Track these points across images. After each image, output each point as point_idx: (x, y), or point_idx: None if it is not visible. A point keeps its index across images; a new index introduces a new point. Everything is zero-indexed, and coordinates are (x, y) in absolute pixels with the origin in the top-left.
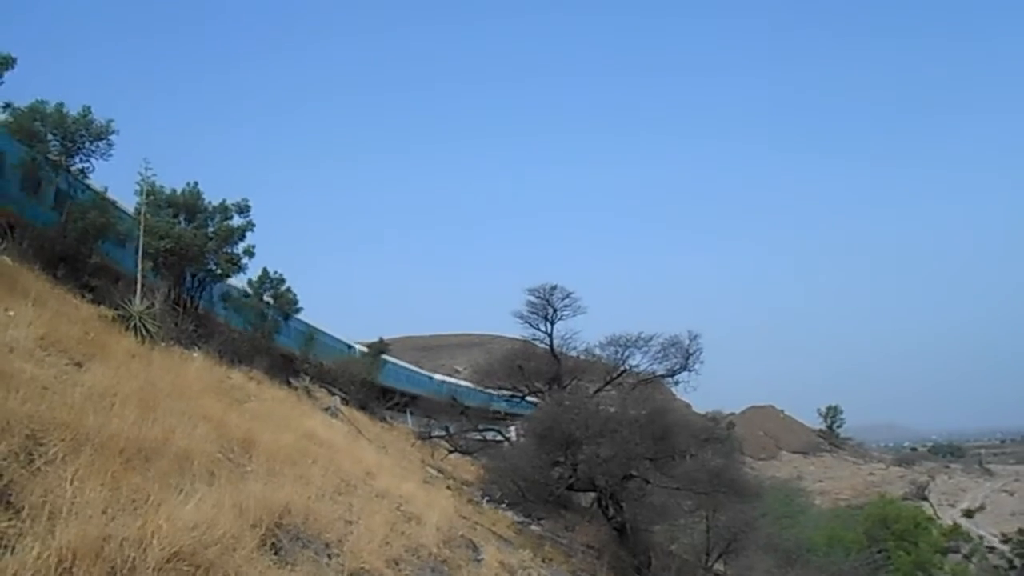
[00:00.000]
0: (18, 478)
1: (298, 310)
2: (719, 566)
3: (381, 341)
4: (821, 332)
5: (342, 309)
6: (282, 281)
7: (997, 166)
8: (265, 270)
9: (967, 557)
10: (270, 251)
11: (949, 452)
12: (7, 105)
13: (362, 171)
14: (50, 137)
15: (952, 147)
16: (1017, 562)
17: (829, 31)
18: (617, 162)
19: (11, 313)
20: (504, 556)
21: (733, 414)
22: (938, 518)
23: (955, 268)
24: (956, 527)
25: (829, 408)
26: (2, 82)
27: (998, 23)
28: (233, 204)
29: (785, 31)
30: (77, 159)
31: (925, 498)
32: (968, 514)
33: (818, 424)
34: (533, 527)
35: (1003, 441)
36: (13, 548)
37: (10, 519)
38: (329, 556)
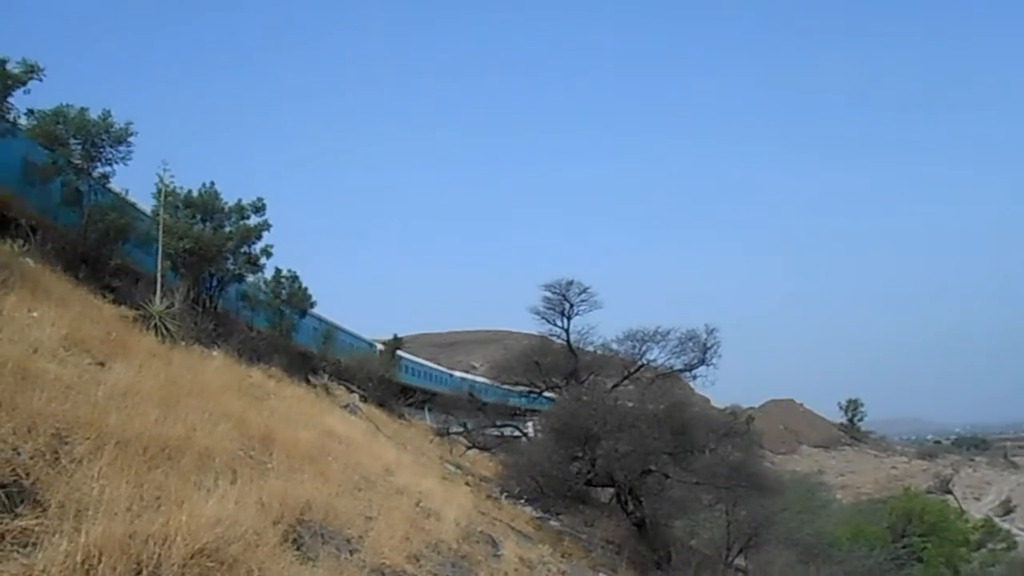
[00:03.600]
0: (44, 477)
1: (312, 305)
2: (739, 561)
3: (396, 338)
4: (842, 325)
5: (359, 306)
6: (296, 279)
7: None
8: (278, 269)
9: (992, 551)
10: (287, 249)
11: (973, 445)
12: (30, 111)
13: (379, 168)
14: (72, 141)
15: (972, 136)
16: None
17: (822, 30)
18: (634, 160)
19: (35, 314)
20: (523, 551)
21: (752, 408)
22: (963, 511)
23: (979, 259)
24: (988, 521)
25: (850, 401)
26: (28, 90)
27: (996, 20)
28: (249, 204)
29: (780, 31)
30: (98, 163)
31: (949, 491)
32: (1007, 510)
33: (839, 418)
34: (552, 522)
35: None
36: (42, 545)
37: (37, 517)
38: (350, 552)
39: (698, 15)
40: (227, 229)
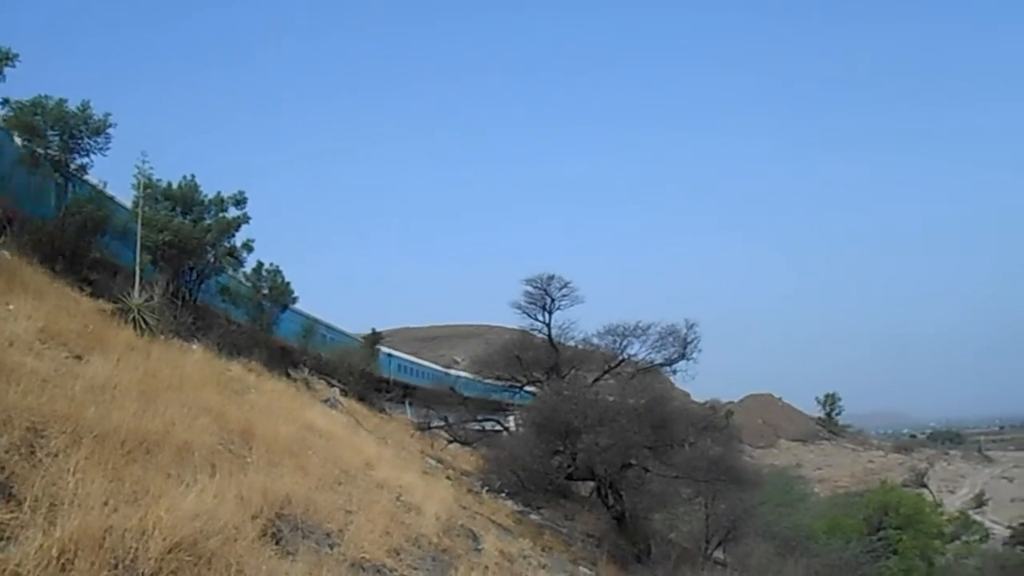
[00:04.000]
0: (20, 470)
1: (294, 300)
2: (718, 553)
3: (375, 332)
4: (819, 321)
5: (341, 300)
6: (279, 273)
7: (992, 156)
8: (260, 262)
9: (966, 543)
10: (268, 242)
11: (948, 439)
12: (6, 100)
13: (360, 163)
14: (50, 133)
15: (950, 138)
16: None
17: (823, 21)
18: (612, 154)
19: (11, 307)
20: (504, 545)
21: (732, 402)
22: (938, 504)
23: (953, 255)
24: (964, 514)
25: (828, 396)
26: (3, 78)
27: (994, 14)
28: (230, 196)
29: (779, 21)
30: (76, 154)
31: (924, 485)
32: (980, 503)
33: (817, 412)
34: (533, 516)
35: (1002, 428)
36: (16, 539)
37: (12, 511)
38: (330, 546)
39: (696, 5)
40: (207, 222)
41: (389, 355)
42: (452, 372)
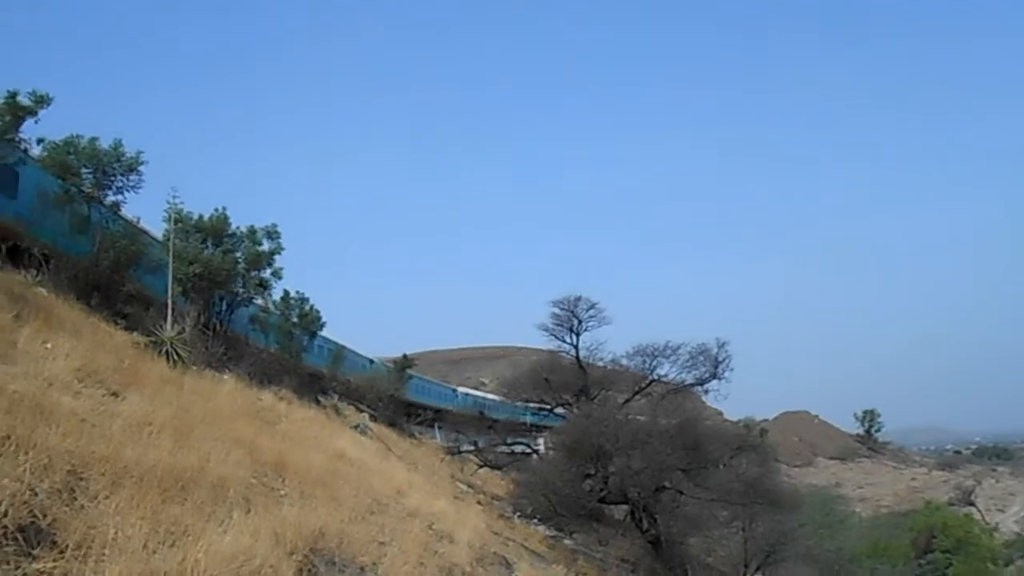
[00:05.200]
0: (62, 515)
1: (322, 326)
2: None
3: (405, 357)
4: (856, 336)
5: (368, 324)
6: (305, 300)
7: None
8: (286, 291)
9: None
10: (296, 266)
11: (995, 454)
12: (41, 140)
13: (388, 185)
14: (83, 171)
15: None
16: None
17: (822, 37)
18: (641, 171)
19: (48, 345)
20: (537, 573)
21: (766, 420)
22: (988, 525)
23: (998, 263)
24: (1021, 537)
25: (866, 412)
26: (38, 120)
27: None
28: (262, 229)
29: (779, 37)
30: (110, 192)
31: (972, 503)
32: None
33: (855, 429)
34: (566, 541)
35: None
36: None
37: (55, 560)
38: None
39: (693, 20)
40: (237, 254)
41: (421, 379)
42: (478, 394)
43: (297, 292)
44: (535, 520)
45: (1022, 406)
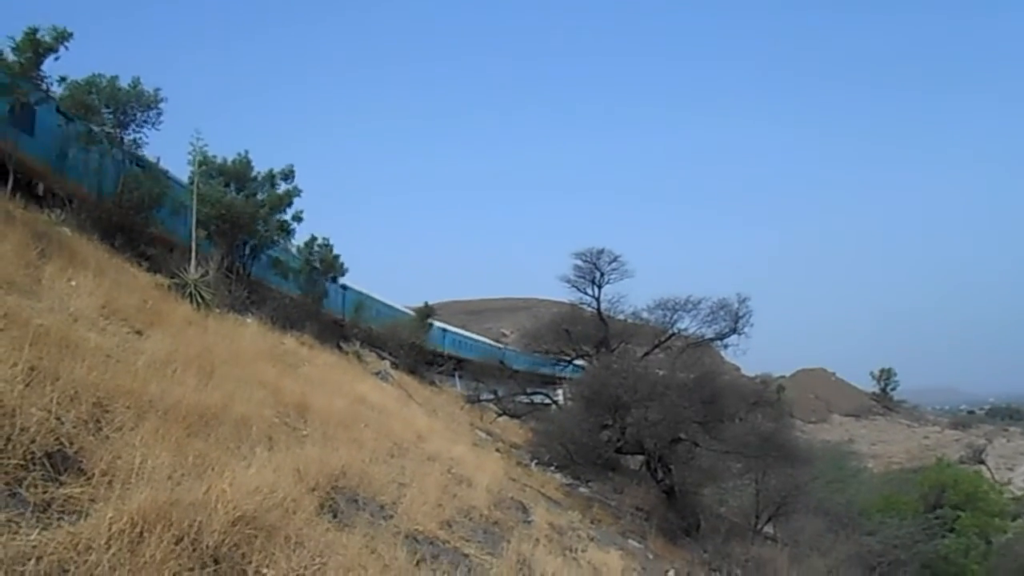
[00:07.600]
0: (88, 445)
1: (344, 272)
2: (768, 529)
3: (427, 306)
4: (874, 295)
5: (390, 272)
6: (329, 246)
7: None
8: (312, 236)
9: None
10: (320, 214)
11: (1007, 415)
12: (63, 79)
13: (413, 137)
14: (104, 110)
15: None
16: None
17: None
18: (666, 131)
19: (73, 283)
20: (553, 517)
21: (783, 377)
22: (997, 483)
23: (1014, 226)
24: None
25: (883, 371)
26: (59, 57)
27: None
28: (279, 171)
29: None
30: (130, 130)
31: (982, 461)
32: None
33: (871, 387)
34: (581, 489)
35: None
36: (87, 514)
37: (81, 485)
38: (384, 518)
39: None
40: (259, 196)
41: (444, 330)
42: (501, 346)
43: (323, 238)
44: (552, 468)
45: None
